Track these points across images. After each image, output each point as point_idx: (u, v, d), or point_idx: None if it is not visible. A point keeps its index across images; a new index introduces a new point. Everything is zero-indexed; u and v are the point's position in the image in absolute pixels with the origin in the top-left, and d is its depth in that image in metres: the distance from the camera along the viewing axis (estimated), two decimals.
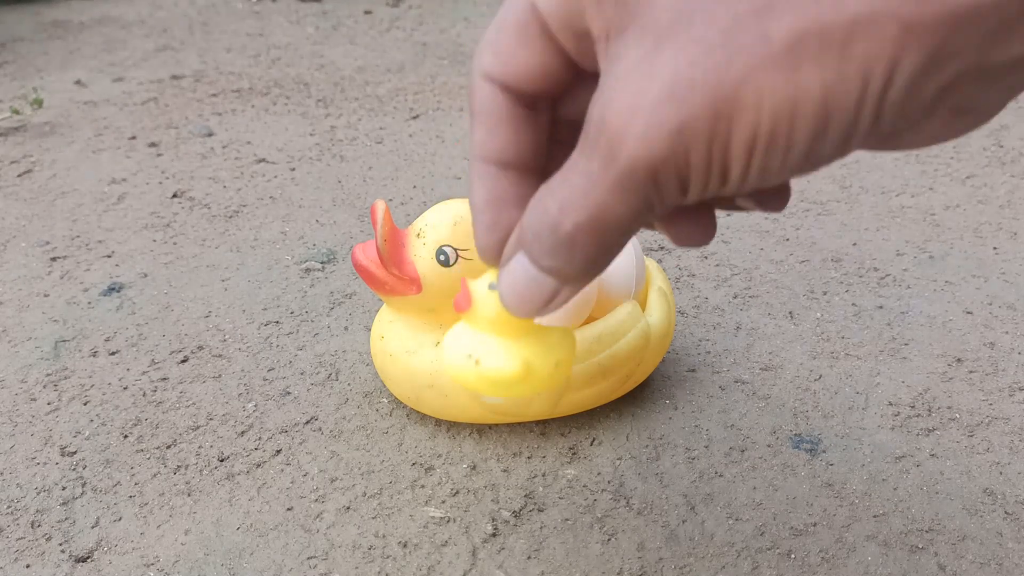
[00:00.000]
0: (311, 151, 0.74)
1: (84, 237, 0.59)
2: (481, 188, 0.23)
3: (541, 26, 0.21)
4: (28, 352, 0.46)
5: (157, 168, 0.70)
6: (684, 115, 0.17)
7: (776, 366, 0.44)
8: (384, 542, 0.33)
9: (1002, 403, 0.40)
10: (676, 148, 0.18)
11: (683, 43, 0.17)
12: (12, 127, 0.80)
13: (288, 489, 0.36)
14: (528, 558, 0.32)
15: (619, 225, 0.20)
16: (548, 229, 0.21)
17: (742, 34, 0.17)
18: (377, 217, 0.35)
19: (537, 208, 0.21)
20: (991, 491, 0.35)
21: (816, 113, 0.17)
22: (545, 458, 0.38)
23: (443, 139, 0.76)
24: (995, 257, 0.54)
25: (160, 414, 0.41)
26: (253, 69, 0.99)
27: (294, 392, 0.42)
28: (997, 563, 0.32)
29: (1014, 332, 0.46)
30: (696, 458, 0.37)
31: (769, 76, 0.17)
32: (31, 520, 0.34)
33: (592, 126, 0.19)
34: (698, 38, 0.17)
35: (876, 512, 0.34)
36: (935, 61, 0.17)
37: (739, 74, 0.17)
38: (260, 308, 0.50)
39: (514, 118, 0.22)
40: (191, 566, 0.32)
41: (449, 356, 0.28)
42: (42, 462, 0.38)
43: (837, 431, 0.39)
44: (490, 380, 0.27)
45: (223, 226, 0.60)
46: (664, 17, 0.18)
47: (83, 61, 1.03)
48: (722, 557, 0.32)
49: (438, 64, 1.00)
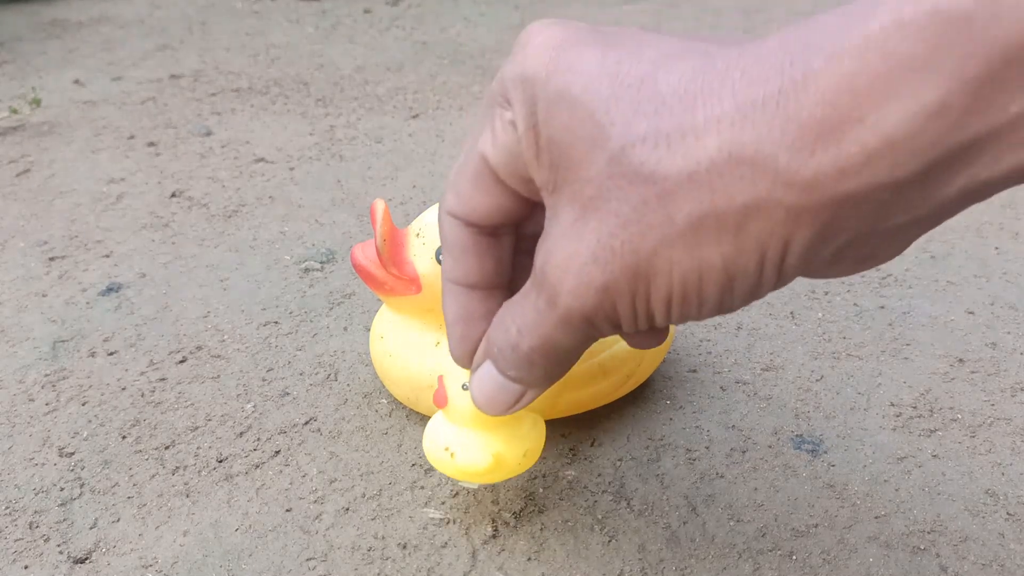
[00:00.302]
0: (310, 150, 0.74)
1: (82, 237, 0.58)
2: (452, 305, 0.27)
3: (493, 175, 0.24)
4: (26, 352, 0.46)
5: (156, 168, 0.70)
6: (607, 276, 0.20)
7: (777, 366, 0.43)
8: (383, 543, 0.33)
9: (1004, 404, 0.40)
10: (603, 302, 0.21)
11: (604, 215, 0.20)
12: (10, 127, 0.80)
13: (287, 490, 0.36)
14: (528, 559, 0.32)
15: (567, 350, 0.24)
16: (509, 348, 0.24)
17: (650, 214, 0.19)
18: (376, 217, 0.35)
19: (499, 327, 0.25)
20: (993, 492, 0.35)
21: (720, 279, 0.20)
22: (545, 459, 0.37)
23: (443, 138, 0.76)
24: (997, 257, 0.54)
25: (158, 415, 0.40)
26: (252, 68, 0.99)
27: (293, 393, 0.42)
28: (999, 564, 0.32)
29: (1016, 332, 0.46)
30: (697, 459, 0.37)
31: (676, 250, 0.19)
32: (29, 521, 0.34)
33: (537, 271, 0.22)
34: (615, 212, 0.19)
35: (878, 513, 0.34)
36: (825, 235, 0.18)
37: (651, 247, 0.19)
38: (259, 308, 0.49)
39: (478, 247, 0.25)
40: (189, 567, 0.32)
41: (428, 448, 0.32)
42: (40, 463, 0.37)
43: (839, 432, 0.39)
44: (464, 472, 0.31)
45: (222, 226, 0.60)
46: (588, 190, 0.20)
47: (81, 60, 1.02)
48: (723, 558, 0.32)
49: (438, 63, 1.00)
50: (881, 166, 0.17)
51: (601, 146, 0.19)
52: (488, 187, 0.24)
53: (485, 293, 0.26)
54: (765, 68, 0.18)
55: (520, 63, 0.21)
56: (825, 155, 0.17)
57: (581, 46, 0.21)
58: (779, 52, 0.18)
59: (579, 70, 0.20)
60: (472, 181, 0.24)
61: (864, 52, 0.16)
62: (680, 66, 0.19)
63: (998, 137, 0.16)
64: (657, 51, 0.20)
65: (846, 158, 0.17)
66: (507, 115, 0.22)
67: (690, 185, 0.18)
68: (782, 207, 0.18)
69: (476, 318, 0.26)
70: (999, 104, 0.16)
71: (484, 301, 0.26)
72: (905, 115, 0.16)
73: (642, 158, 0.19)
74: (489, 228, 0.25)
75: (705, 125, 0.18)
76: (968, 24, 0.15)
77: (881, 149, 0.17)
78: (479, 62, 1.00)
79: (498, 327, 0.25)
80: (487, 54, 1.04)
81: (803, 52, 0.18)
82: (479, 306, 0.26)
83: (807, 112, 0.17)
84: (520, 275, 0.26)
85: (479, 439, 0.31)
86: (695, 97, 0.18)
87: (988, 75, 0.16)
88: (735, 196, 0.18)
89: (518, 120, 0.22)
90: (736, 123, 0.18)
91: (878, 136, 0.17)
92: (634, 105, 0.19)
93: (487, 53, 1.04)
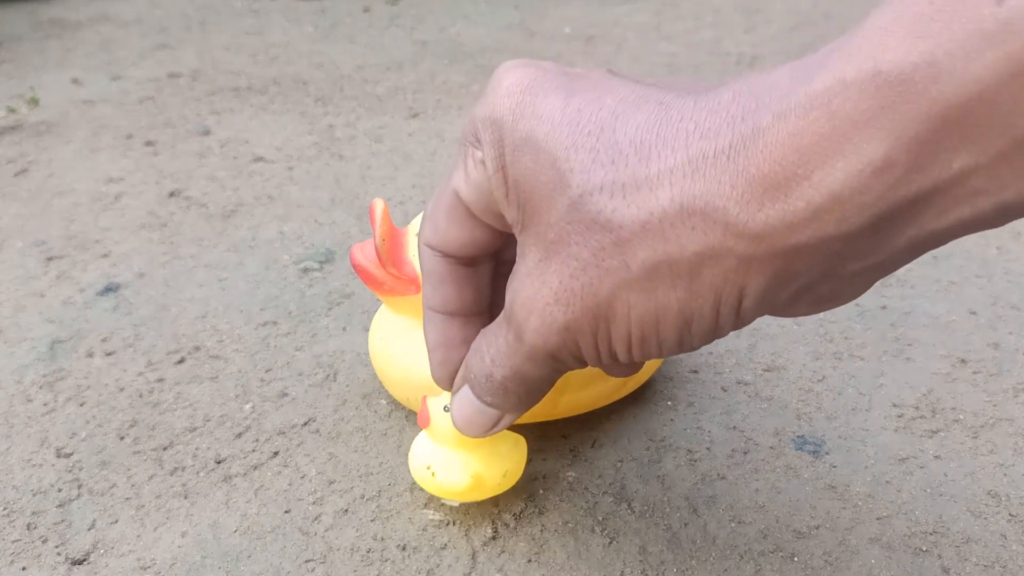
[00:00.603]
0: (309, 150, 0.74)
1: (80, 237, 0.58)
2: (432, 332, 0.27)
3: (467, 210, 0.25)
4: (24, 353, 0.45)
5: (154, 167, 0.70)
6: (569, 317, 0.21)
7: (779, 367, 0.43)
8: (383, 545, 0.33)
9: (1006, 404, 0.40)
10: (566, 340, 0.22)
11: (565, 258, 0.21)
12: (8, 126, 0.79)
13: (286, 491, 0.35)
14: (529, 561, 0.32)
15: (537, 381, 0.24)
16: (484, 376, 0.25)
17: (608, 260, 0.20)
18: (376, 216, 0.35)
19: (476, 355, 0.26)
20: (995, 493, 0.35)
21: (676, 322, 0.20)
22: (545, 460, 0.37)
23: (443, 138, 0.76)
24: (999, 257, 0.54)
25: (157, 415, 0.40)
26: (251, 67, 0.99)
27: (292, 393, 0.42)
28: (1001, 565, 0.31)
29: (1018, 332, 0.46)
30: (698, 460, 0.37)
31: (633, 294, 0.20)
32: (27, 522, 0.34)
33: (507, 307, 0.23)
34: (576, 256, 0.20)
35: (880, 514, 0.34)
36: (779, 281, 0.19)
37: (609, 291, 0.20)
38: (258, 308, 0.49)
39: (455, 276, 0.26)
40: (188, 569, 0.32)
41: (412, 465, 0.33)
42: (38, 464, 0.37)
43: (840, 433, 0.38)
44: (443, 490, 0.32)
45: (220, 226, 0.60)
46: (550, 233, 0.21)
47: (80, 60, 1.02)
48: (724, 560, 0.32)
49: (438, 62, 1.00)
50: (828, 220, 0.17)
51: (561, 192, 0.20)
52: (463, 221, 0.25)
53: (464, 320, 0.27)
54: (717, 121, 0.19)
55: (490, 105, 0.22)
56: (773, 209, 0.18)
57: (547, 90, 0.22)
58: (731, 106, 0.19)
59: (542, 116, 0.21)
60: (447, 215, 0.25)
61: (808, 111, 0.17)
62: (637, 116, 0.20)
63: (943, 192, 0.17)
64: (615, 98, 0.21)
65: (793, 213, 0.17)
66: (478, 154, 0.23)
67: (644, 234, 0.19)
68: (734, 256, 0.19)
69: (456, 344, 0.27)
70: (942, 161, 0.16)
71: (463, 328, 0.27)
72: (850, 172, 0.17)
73: (599, 207, 0.20)
74: (466, 259, 0.26)
75: (659, 177, 0.19)
76: (908, 86, 0.16)
77: (827, 205, 0.17)
78: (479, 61, 1.00)
79: (475, 355, 0.26)
80: (487, 53, 1.03)
81: (753, 108, 0.18)
82: (458, 332, 0.27)
83: (756, 168, 0.18)
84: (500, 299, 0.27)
85: (459, 459, 0.32)
86: (650, 148, 0.19)
87: (929, 134, 0.16)
88: (687, 245, 0.19)
89: (487, 161, 0.23)
90: (688, 175, 0.19)
91: (823, 193, 0.17)
92: (592, 154, 0.20)
93: (487, 52, 1.04)
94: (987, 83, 0.15)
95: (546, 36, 1.11)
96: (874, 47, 0.16)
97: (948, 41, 0.15)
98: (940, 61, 0.15)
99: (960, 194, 0.17)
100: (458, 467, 0.32)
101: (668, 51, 1.03)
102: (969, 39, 0.15)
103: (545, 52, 1.03)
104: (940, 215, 0.17)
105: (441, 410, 0.31)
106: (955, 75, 0.15)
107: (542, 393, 0.26)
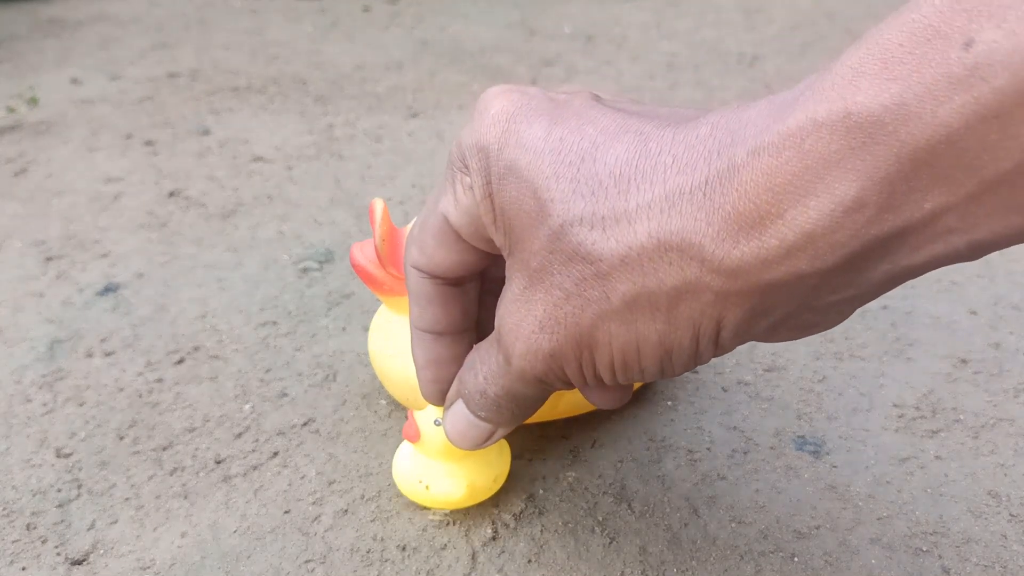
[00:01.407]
0: (309, 149, 0.74)
1: (79, 237, 0.58)
2: (420, 351, 0.28)
3: (455, 234, 0.25)
4: (23, 353, 0.45)
5: (153, 167, 0.70)
6: (554, 344, 0.22)
7: (779, 367, 0.43)
8: (383, 545, 0.33)
9: (1007, 404, 0.40)
10: (552, 365, 0.22)
11: (548, 287, 0.21)
12: (7, 126, 0.79)
13: (285, 492, 0.35)
14: (529, 561, 0.32)
15: (529, 399, 0.25)
16: (479, 393, 0.26)
17: (589, 290, 0.20)
18: (375, 216, 0.35)
19: (469, 371, 0.26)
20: (996, 493, 0.35)
21: (656, 352, 0.21)
22: (546, 460, 0.37)
23: (442, 137, 0.76)
24: (1000, 257, 0.54)
25: (156, 416, 0.40)
26: (250, 67, 0.99)
27: (291, 393, 0.42)
28: (1002, 566, 0.31)
29: (1020, 333, 0.46)
30: (698, 460, 0.37)
31: (614, 324, 0.21)
32: (26, 523, 0.34)
33: (496, 329, 0.24)
34: (559, 285, 0.21)
35: (880, 515, 0.34)
36: (756, 313, 0.19)
37: (591, 320, 0.21)
38: (257, 308, 0.49)
39: (442, 297, 0.27)
40: (187, 569, 0.32)
41: (401, 480, 0.33)
42: (37, 464, 0.37)
43: (841, 433, 0.38)
44: (439, 502, 0.33)
45: (219, 225, 0.60)
46: (534, 261, 0.21)
47: (79, 59, 1.02)
48: (725, 560, 0.32)
49: (437, 62, 1.00)
50: (801, 258, 0.18)
51: (543, 222, 0.21)
52: (451, 244, 0.25)
53: (452, 338, 0.28)
54: (694, 156, 0.19)
55: (476, 132, 0.23)
56: (748, 246, 0.18)
57: (531, 119, 0.22)
58: (708, 140, 0.19)
59: (526, 145, 0.21)
60: (435, 238, 0.25)
61: (781, 150, 0.17)
62: (616, 147, 0.20)
63: (916, 231, 0.17)
64: (596, 128, 0.21)
65: (767, 250, 0.18)
66: (467, 180, 0.23)
67: (623, 267, 0.20)
68: (710, 290, 0.19)
69: (445, 362, 0.28)
70: (914, 201, 0.16)
71: (451, 346, 0.28)
72: (822, 212, 0.17)
73: (580, 238, 0.20)
74: (453, 280, 0.26)
75: (637, 211, 0.19)
76: (879, 128, 0.16)
77: (800, 243, 0.17)
78: (479, 60, 1.00)
79: (468, 371, 0.26)
80: (487, 52, 1.03)
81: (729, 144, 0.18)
82: (447, 351, 0.28)
83: (731, 205, 0.18)
84: (487, 315, 0.27)
85: (452, 470, 0.32)
86: (628, 181, 0.20)
87: (900, 175, 0.16)
88: (665, 280, 0.19)
89: (475, 187, 0.23)
90: (665, 211, 0.19)
91: (796, 232, 0.17)
92: (573, 184, 0.20)
93: (487, 51, 1.04)
94: (955, 127, 0.15)
95: (546, 35, 1.11)
96: (845, 87, 0.17)
97: (917, 84, 0.16)
98: (909, 103, 0.16)
99: (933, 232, 0.17)
100: (451, 478, 0.32)
101: (668, 50, 1.03)
102: (937, 83, 0.15)
103: (545, 51, 1.03)
104: (914, 252, 0.17)
105: (432, 424, 0.32)
106: (924, 118, 0.15)
107: (535, 408, 0.26)
